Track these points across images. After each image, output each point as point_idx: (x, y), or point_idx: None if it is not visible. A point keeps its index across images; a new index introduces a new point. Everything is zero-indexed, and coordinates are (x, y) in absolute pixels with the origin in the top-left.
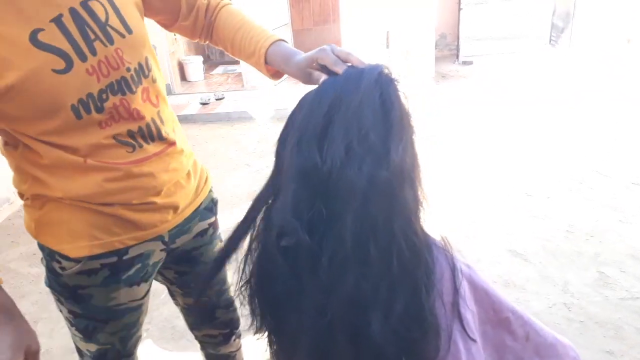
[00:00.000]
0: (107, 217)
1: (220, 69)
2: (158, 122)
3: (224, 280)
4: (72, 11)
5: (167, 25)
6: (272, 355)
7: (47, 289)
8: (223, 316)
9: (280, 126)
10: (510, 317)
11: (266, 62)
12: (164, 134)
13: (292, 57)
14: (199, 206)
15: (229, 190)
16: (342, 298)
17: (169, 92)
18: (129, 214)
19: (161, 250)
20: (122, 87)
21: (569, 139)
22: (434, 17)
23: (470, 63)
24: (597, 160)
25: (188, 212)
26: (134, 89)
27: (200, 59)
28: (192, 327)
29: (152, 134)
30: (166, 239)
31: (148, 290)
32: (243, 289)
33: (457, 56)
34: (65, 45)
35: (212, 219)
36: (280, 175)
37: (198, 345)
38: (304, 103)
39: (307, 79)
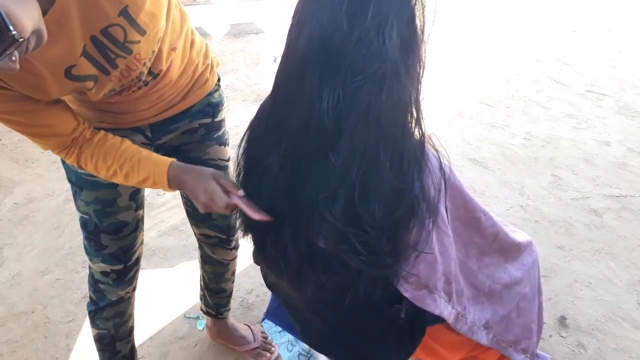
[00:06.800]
0: (89, 109)
1: None
2: (154, 70)
3: None
4: (93, 39)
5: None
6: (256, 252)
7: (8, 215)
8: (219, 219)
9: (237, 43)
10: (482, 217)
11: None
12: (156, 71)
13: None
14: (190, 108)
15: None
16: (355, 180)
17: None
18: (108, 113)
19: (143, 143)
20: (139, 77)
21: (527, 49)
22: None
23: None
24: (555, 70)
25: (171, 113)
26: (145, 72)
27: None
28: (191, 221)
29: (147, 83)
30: (147, 133)
31: None
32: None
33: None
34: (93, 70)
35: (206, 120)
36: (293, 54)
37: (170, 262)
38: None
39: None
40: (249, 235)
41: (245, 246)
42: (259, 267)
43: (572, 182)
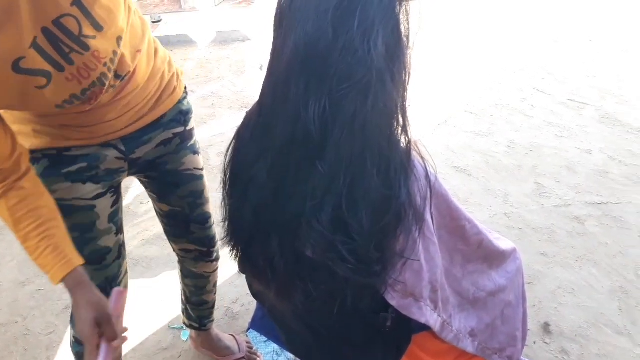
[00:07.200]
0: (55, 128)
1: None
2: (120, 72)
3: (198, 194)
4: (45, 31)
5: None
6: (240, 262)
7: None
8: (198, 232)
9: (222, 50)
10: (466, 225)
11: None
12: (123, 74)
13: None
14: (162, 118)
15: None
16: (342, 188)
17: None
18: (76, 128)
19: (117, 158)
20: (101, 80)
21: (510, 58)
22: None
23: None
24: (537, 79)
25: (143, 124)
26: (109, 76)
27: None
28: (170, 237)
29: (114, 86)
30: (120, 147)
31: (101, 195)
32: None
33: None
34: (45, 65)
35: (179, 129)
36: (278, 62)
37: (154, 272)
38: None
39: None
40: (233, 246)
41: (229, 256)
42: (244, 276)
43: (554, 190)
